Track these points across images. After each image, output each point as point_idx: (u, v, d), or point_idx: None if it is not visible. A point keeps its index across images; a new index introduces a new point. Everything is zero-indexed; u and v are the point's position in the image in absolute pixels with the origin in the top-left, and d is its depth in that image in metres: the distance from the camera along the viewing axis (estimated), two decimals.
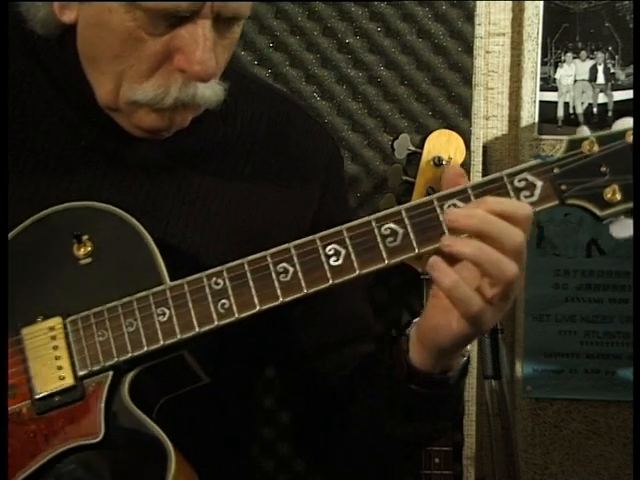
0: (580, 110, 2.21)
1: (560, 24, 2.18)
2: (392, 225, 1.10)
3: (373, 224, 1.10)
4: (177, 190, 1.27)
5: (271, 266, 1.11)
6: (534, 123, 2.20)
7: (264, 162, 1.34)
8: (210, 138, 1.31)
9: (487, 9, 2.19)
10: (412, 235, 1.09)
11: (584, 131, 1.12)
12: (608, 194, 1.09)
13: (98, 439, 1.10)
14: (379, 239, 1.10)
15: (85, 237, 1.16)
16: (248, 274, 1.12)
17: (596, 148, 1.10)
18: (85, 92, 1.23)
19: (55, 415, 1.12)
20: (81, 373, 1.13)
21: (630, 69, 2.19)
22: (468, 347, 1.19)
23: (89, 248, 1.16)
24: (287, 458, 2.21)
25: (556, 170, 1.10)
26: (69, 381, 1.12)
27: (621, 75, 2.19)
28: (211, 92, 1.20)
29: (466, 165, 2.09)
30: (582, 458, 2.29)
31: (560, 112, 2.21)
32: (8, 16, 1.26)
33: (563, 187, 1.09)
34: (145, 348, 1.12)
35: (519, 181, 1.09)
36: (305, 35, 2.15)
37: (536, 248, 2.23)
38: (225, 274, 1.12)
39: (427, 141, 1.99)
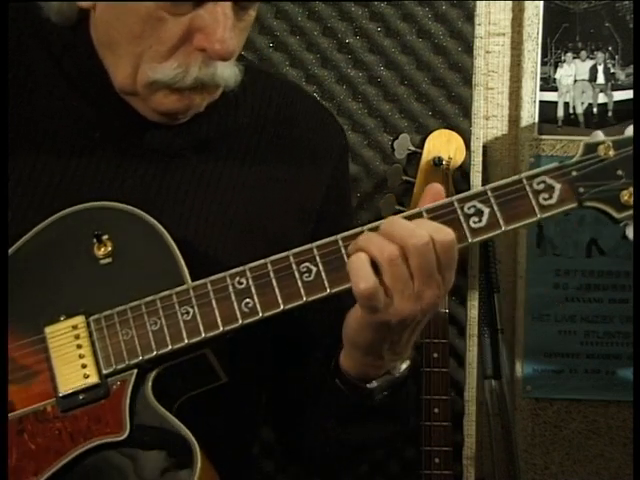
0: (580, 110, 2.21)
1: (560, 24, 2.18)
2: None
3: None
4: (191, 178, 1.28)
5: (294, 266, 1.12)
6: (534, 123, 2.21)
7: (273, 149, 1.34)
8: (222, 125, 1.31)
9: (487, 9, 2.19)
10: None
11: (599, 135, 1.14)
12: (624, 197, 1.12)
13: (123, 436, 1.10)
14: None
15: (105, 237, 1.17)
16: (271, 274, 1.13)
17: (612, 152, 1.12)
18: (100, 80, 1.23)
19: (80, 413, 1.12)
20: (105, 371, 1.13)
21: (630, 69, 2.19)
22: (402, 365, 1.20)
23: (109, 248, 1.17)
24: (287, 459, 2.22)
25: (574, 173, 1.12)
26: (93, 379, 1.13)
27: (621, 75, 2.19)
28: (230, 72, 1.21)
29: (466, 165, 2.10)
30: (582, 458, 2.29)
31: (560, 112, 2.21)
32: (8, 16, 1.26)
33: (581, 189, 1.11)
34: (170, 346, 1.12)
35: (538, 184, 1.12)
36: (305, 35, 2.15)
37: (536, 248, 2.23)
38: (248, 274, 1.13)
39: (427, 141, 1.99)
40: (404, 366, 1.21)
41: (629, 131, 1.14)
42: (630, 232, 1.13)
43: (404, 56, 2.15)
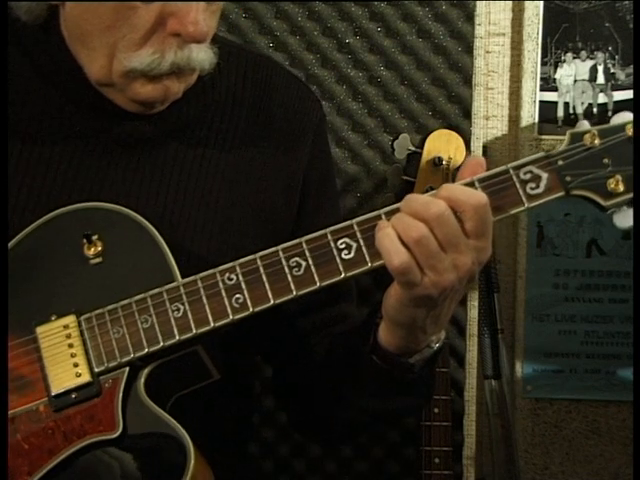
0: (580, 110, 2.21)
1: (560, 24, 2.18)
2: None
3: (383, 217, 1.13)
4: (174, 164, 1.28)
5: (283, 261, 1.13)
6: (534, 123, 2.21)
7: (252, 126, 1.35)
8: (199, 108, 1.31)
9: (487, 9, 2.19)
10: None
11: (584, 125, 1.15)
12: (611, 184, 1.12)
13: (116, 434, 1.10)
14: None
15: (95, 237, 1.17)
16: (261, 269, 1.13)
17: (597, 141, 1.13)
18: (75, 75, 1.24)
19: (72, 412, 1.13)
20: (97, 370, 1.13)
21: (630, 69, 2.19)
22: (441, 335, 1.20)
23: (99, 248, 1.17)
24: (287, 458, 2.22)
25: (560, 162, 1.12)
26: (86, 378, 1.13)
27: (621, 75, 2.19)
28: (204, 55, 1.22)
29: None
30: (582, 458, 2.29)
31: (560, 112, 2.21)
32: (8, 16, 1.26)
33: (568, 178, 1.12)
34: (161, 344, 1.13)
35: (525, 174, 1.12)
36: (305, 35, 2.15)
37: (536, 248, 2.23)
38: (238, 269, 1.13)
39: (427, 141, 1.99)
40: (442, 337, 1.21)
41: (615, 119, 1.14)
42: (618, 220, 1.14)
43: (404, 56, 2.15)
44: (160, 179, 1.27)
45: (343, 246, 1.12)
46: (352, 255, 1.12)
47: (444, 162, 1.96)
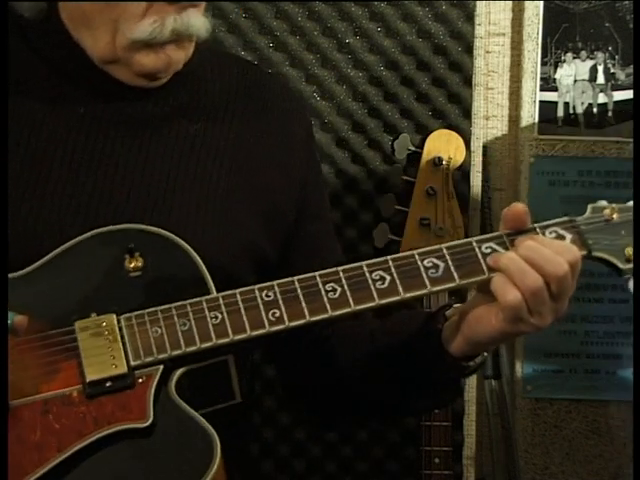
0: (580, 110, 2.21)
1: (560, 24, 2.18)
2: (434, 259, 1.20)
3: (416, 257, 1.20)
4: (172, 148, 1.33)
5: (320, 285, 1.18)
6: (534, 123, 2.21)
7: (248, 121, 1.39)
8: (193, 97, 1.36)
9: (487, 9, 2.19)
10: (453, 268, 1.19)
11: (604, 203, 1.26)
12: (628, 252, 1.22)
13: (146, 424, 1.13)
14: (422, 269, 1.19)
15: (137, 253, 1.21)
16: (298, 290, 1.18)
17: (616, 215, 1.23)
18: (79, 59, 1.28)
19: (105, 399, 1.15)
20: (134, 363, 1.16)
21: (630, 69, 2.19)
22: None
23: (140, 263, 1.21)
24: (287, 458, 2.22)
25: (583, 227, 1.22)
26: (122, 369, 1.15)
27: (621, 75, 2.19)
28: (201, 22, 1.27)
29: (466, 165, 2.10)
30: (582, 458, 2.29)
31: (560, 112, 2.21)
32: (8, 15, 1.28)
33: (590, 241, 1.22)
34: (198, 344, 1.16)
35: (550, 233, 1.22)
36: (305, 35, 2.15)
37: None
38: (276, 288, 1.18)
39: (427, 141, 1.99)
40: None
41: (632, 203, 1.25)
42: (631, 286, 1.24)
43: (404, 56, 2.15)
44: (162, 157, 1.31)
45: (377, 277, 1.19)
46: (385, 286, 1.19)
47: (444, 162, 1.96)
